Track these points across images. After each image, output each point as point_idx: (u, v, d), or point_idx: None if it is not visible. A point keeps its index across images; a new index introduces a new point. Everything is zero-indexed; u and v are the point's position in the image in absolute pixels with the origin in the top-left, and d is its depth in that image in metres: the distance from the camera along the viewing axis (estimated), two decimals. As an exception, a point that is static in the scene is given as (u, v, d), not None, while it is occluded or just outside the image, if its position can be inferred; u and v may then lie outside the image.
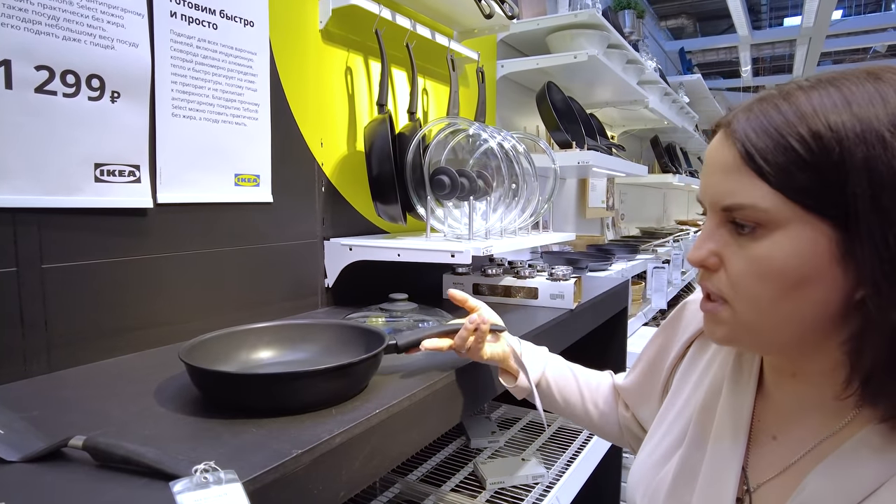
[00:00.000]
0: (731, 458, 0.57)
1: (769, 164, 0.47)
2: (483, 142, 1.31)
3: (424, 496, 1.18)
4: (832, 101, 0.46)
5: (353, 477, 0.59)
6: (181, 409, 0.63)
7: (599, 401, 0.86)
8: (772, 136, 0.47)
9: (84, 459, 0.50)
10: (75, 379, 0.74)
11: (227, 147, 0.99)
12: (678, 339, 0.73)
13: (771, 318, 0.50)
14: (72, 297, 0.78)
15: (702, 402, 0.63)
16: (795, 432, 0.55)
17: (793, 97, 0.48)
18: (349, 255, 1.17)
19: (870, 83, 0.46)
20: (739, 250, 0.50)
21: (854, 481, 0.48)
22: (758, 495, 0.55)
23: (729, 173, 0.50)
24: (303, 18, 1.14)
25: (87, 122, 0.78)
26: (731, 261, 0.51)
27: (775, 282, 0.48)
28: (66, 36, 0.75)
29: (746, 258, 0.49)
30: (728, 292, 0.51)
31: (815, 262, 0.47)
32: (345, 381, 0.64)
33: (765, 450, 0.57)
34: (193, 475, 0.45)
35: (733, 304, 0.51)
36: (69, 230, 0.78)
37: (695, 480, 0.59)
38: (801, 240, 0.47)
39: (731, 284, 0.51)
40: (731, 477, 0.56)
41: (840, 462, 0.49)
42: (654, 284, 2.54)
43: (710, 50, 7.57)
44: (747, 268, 0.49)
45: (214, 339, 0.71)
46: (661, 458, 0.65)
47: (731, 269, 0.51)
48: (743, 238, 0.50)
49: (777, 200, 0.47)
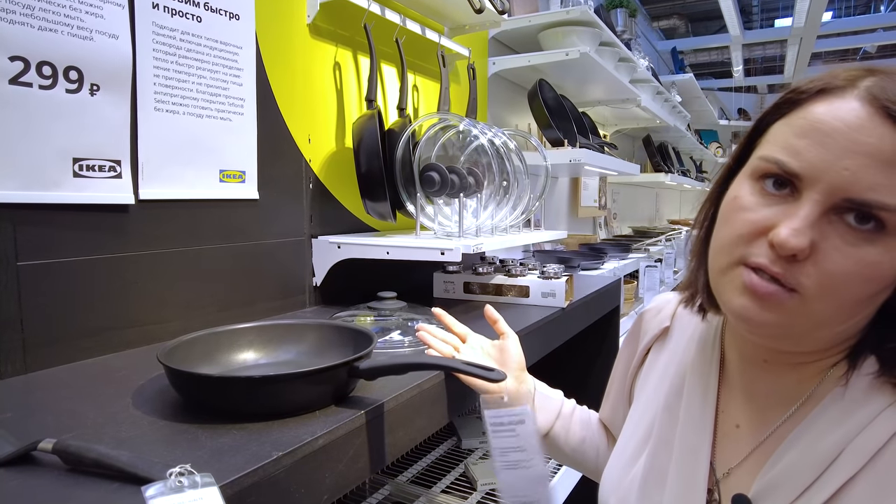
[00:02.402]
0: (700, 452, 0.57)
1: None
2: (474, 138, 1.29)
3: (415, 497, 1.17)
4: None
5: (338, 480, 0.57)
6: (159, 411, 0.61)
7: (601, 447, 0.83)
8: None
9: (54, 463, 0.48)
10: (51, 380, 0.72)
11: (211, 142, 0.97)
12: (638, 347, 0.74)
13: (843, 317, 0.48)
14: (49, 296, 0.76)
15: (664, 401, 0.63)
16: (757, 418, 0.56)
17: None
18: (337, 253, 1.15)
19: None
20: (844, 247, 0.44)
21: (819, 449, 0.49)
22: (726, 483, 0.56)
23: (885, 166, 0.42)
24: (290, 12, 1.12)
25: (65, 115, 0.76)
26: (831, 255, 0.44)
27: (874, 286, 0.45)
28: (42, 26, 0.73)
29: (853, 258, 0.44)
30: (810, 284, 0.45)
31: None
32: (329, 384, 0.62)
33: (729, 438, 0.58)
34: (168, 479, 0.43)
35: (808, 296, 0.46)
36: (46, 226, 0.76)
37: (664, 478, 0.59)
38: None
39: (821, 279, 0.45)
40: (701, 470, 0.56)
41: (805, 435, 0.50)
42: (646, 283, 2.54)
43: (702, 50, 7.60)
44: (853, 269, 0.44)
45: (196, 339, 0.69)
46: (629, 460, 0.65)
47: (828, 265, 0.45)
48: (853, 235, 0.44)
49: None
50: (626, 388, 0.75)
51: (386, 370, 0.64)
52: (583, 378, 1.62)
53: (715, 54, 7.72)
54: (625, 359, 0.77)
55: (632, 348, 0.75)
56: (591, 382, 1.61)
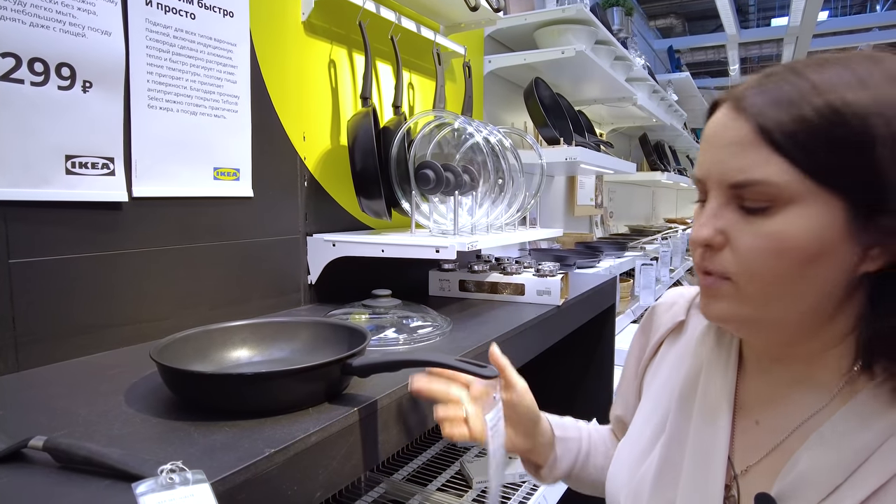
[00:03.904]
0: (717, 445, 0.56)
1: (787, 137, 0.46)
2: (469, 136, 1.29)
3: (410, 496, 1.17)
4: (844, 79, 0.46)
5: (331, 477, 0.57)
6: (152, 409, 0.60)
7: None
8: (788, 109, 0.46)
9: (45, 461, 0.48)
10: (43, 378, 0.71)
11: (205, 140, 0.97)
12: (651, 341, 0.73)
13: (776, 296, 0.50)
14: (41, 294, 0.76)
15: (678, 393, 0.63)
16: (779, 415, 0.55)
17: (804, 73, 0.48)
18: (332, 251, 1.15)
19: (873, 64, 0.47)
20: (749, 227, 0.49)
21: (847, 450, 0.48)
22: (745, 480, 0.55)
23: (741, 149, 0.48)
24: (284, 10, 1.12)
25: (57, 111, 0.75)
26: (741, 238, 0.49)
27: (788, 258, 0.48)
28: (34, 22, 0.72)
29: (758, 235, 0.48)
30: (734, 269, 0.50)
31: (826, 238, 0.47)
32: (322, 381, 0.62)
33: (748, 434, 0.57)
34: (159, 476, 0.42)
35: (739, 280, 0.50)
36: (38, 224, 0.75)
37: (679, 471, 0.58)
38: (814, 216, 0.46)
39: (739, 262, 0.50)
40: (719, 464, 0.55)
41: (831, 435, 0.49)
42: (642, 282, 2.54)
43: (698, 49, 7.62)
44: (759, 244, 0.48)
45: (189, 337, 0.69)
46: (641, 454, 0.64)
47: (739, 247, 0.49)
48: (753, 216, 0.49)
49: (792, 175, 0.46)
50: (638, 381, 0.74)
51: (379, 367, 0.64)
52: (579, 376, 1.62)
53: (711, 53, 7.74)
54: (636, 353, 0.76)
55: (643, 342, 0.74)
56: (587, 380, 1.62)
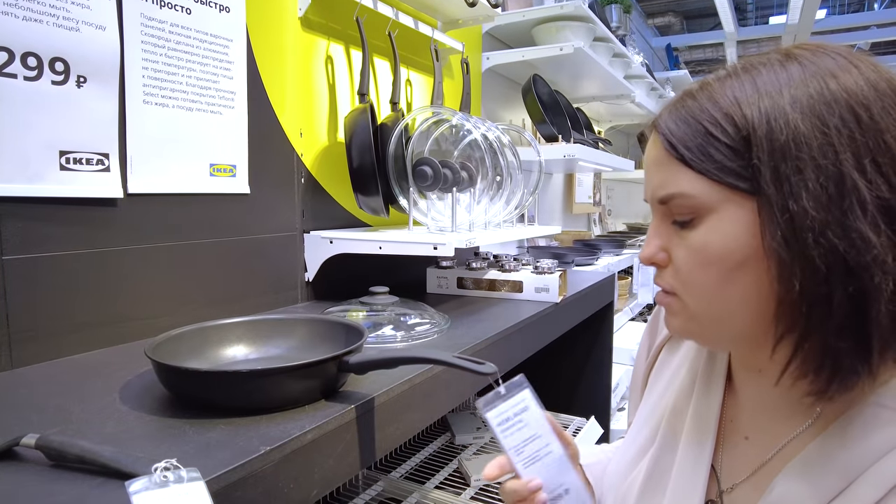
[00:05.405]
0: (700, 460, 0.55)
1: (689, 150, 0.48)
2: (467, 132, 1.28)
3: (408, 493, 1.16)
4: (745, 91, 0.48)
5: (327, 475, 0.57)
6: (147, 406, 0.60)
7: None
8: (689, 122, 0.49)
9: (37, 459, 0.47)
10: (37, 376, 0.71)
11: (201, 136, 0.96)
12: (655, 340, 0.73)
13: (718, 306, 0.50)
14: (35, 291, 0.75)
15: (672, 404, 0.62)
16: (767, 431, 0.54)
17: (707, 87, 0.50)
18: (330, 249, 1.14)
19: (781, 69, 0.48)
20: (682, 241, 0.51)
21: (823, 480, 0.47)
22: (731, 497, 0.54)
23: (659, 166, 0.51)
24: (281, 5, 1.11)
25: (51, 107, 0.75)
26: (676, 253, 0.52)
27: (716, 267, 0.48)
28: (27, 16, 0.71)
29: (687, 248, 0.50)
30: (676, 285, 0.52)
31: (746, 242, 0.47)
32: (318, 378, 0.62)
33: (738, 450, 0.55)
34: (152, 474, 0.42)
35: (682, 295, 0.52)
36: (32, 220, 0.75)
37: (666, 482, 0.57)
38: (732, 221, 0.47)
39: (677, 277, 0.52)
40: (700, 478, 0.55)
41: (807, 462, 0.48)
42: (640, 279, 2.54)
43: (696, 47, 7.62)
44: (689, 257, 0.50)
45: (184, 334, 0.68)
46: (632, 460, 0.64)
47: (676, 262, 0.52)
48: (683, 230, 0.50)
49: (703, 185, 0.48)
50: (642, 382, 0.73)
51: (376, 364, 0.63)
52: (577, 373, 1.62)
53: (710, 51, 7.74)
54: (643, 352, 0.75)
55: (650, 342, 0.74)
56: (585, 377, 1.61)
